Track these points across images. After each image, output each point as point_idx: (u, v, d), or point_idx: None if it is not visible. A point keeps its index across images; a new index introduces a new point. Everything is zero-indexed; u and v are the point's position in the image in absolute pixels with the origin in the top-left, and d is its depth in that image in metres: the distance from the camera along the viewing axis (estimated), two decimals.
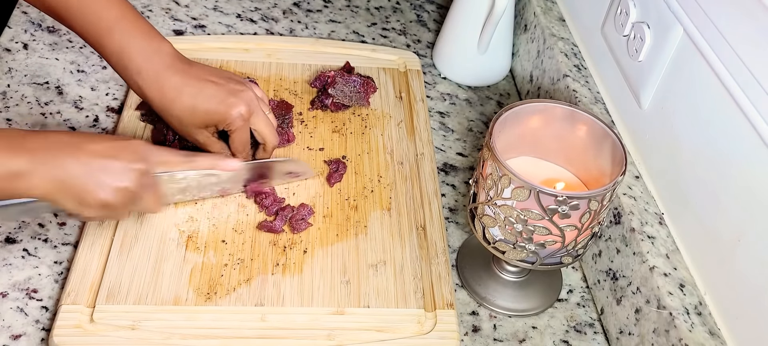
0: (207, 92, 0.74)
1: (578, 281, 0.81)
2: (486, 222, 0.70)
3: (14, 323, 0.69)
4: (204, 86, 0.75)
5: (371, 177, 0.86)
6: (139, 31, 0.74)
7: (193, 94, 0.74)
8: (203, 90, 0.74)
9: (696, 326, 0.65)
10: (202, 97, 0.74)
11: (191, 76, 0.75)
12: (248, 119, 0.77)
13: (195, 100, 0.74)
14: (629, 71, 0.81)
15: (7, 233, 0.76)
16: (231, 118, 0.75)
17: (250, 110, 0.76)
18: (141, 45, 0.73)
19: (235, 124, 0.76)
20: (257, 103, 0.78)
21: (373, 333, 0.71)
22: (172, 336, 0.68)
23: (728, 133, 0.65)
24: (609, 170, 0.71)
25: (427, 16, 1.15)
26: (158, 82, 0.73)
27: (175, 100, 0.74)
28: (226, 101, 0.75)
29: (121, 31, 0.73)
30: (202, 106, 0.74)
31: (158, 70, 0.73)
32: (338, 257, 0.77)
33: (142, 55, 0.73)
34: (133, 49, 0.73)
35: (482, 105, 1.01)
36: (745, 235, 0.63)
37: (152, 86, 0.74)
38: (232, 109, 0.75)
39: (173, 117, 0.75)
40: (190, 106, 0.74)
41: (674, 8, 0.72)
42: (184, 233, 0.77)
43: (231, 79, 0.77)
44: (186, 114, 0.74)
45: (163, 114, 0.76)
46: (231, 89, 0.76)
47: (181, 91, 0.74)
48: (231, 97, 0.75)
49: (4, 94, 0.89)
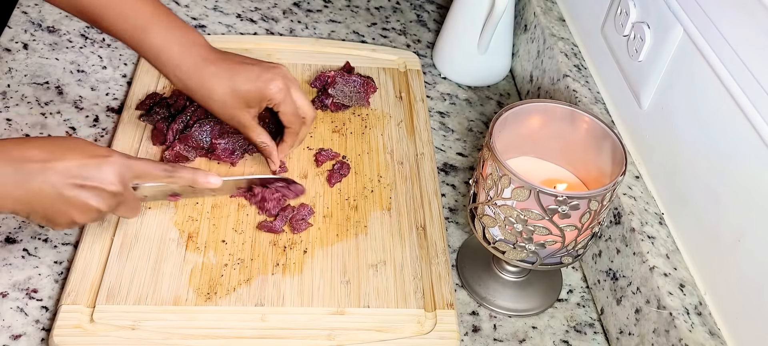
0: (243, 74, 0.77)
1: (578, 281, 0.81)
2: (486, 222, 0.70)
3: (14, 323, 0.69)
4: (239, 68, 0.77)
5: (371, 177, 0.86)
6: (175, 27, 0.76)
7: (231, 77, 0.77)
8: (240, 72, 0.77)
9: (696, 326, 0.65)
10: (241, 79, 0.77)
11: (227, 62, 0.77)
12: (288, 92, 0.79)
13: (233, 82, 0.77)
14: (629, 71, 0.81)
15: (7, 233, 0.76)
16: (271, 93, 0.78)
17: (287, 84, 0.79)
18: (179, 41, 0.76)
19: (277, 98, 0.78)
20: (293, 78, 0.81)
21: (373, 333, 0.71)
22: (172, 336, 0.68)
23: (728, 133, 0.65)
24: (609, 170, 0.71)
25: (427, 16, 1.15)
26: (198, 74, 0.76)
27: (215, 87, 0.76)
28: (262, 77, 0.78)
29: (158, 27, 0.75)
30: (242, 86, 0.77)
31: (196, 62, 0.76)
32: (338, 257, 0.77)
33: (181, 50, 0.76)
34: (171, 45, 0.75)
35: (482, 105, 1.01)
36: (745, 235, 0.63)
37: (193, 78, 0.76)
38: (270, 84, 0.78)
39: (216, 103, 0.77)
40: (231, 88, 0.76)
41: (674, 8, 0.72)
42: (184, 233, 0.77)
43: (262, 61, 0.81)
44: (228, 97, 0.77)
45: (205, 103, 0.78)
46: (265, 67, 0.79)
47: (219, 76, 0.76)
48: (266, 73, 0.78)
49: (4, 94, 0.89)
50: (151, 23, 0.75)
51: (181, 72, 0.76)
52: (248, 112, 0.79)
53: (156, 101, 0.88)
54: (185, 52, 0.76)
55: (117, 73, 0.96)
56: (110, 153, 0.67)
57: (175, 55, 0.75)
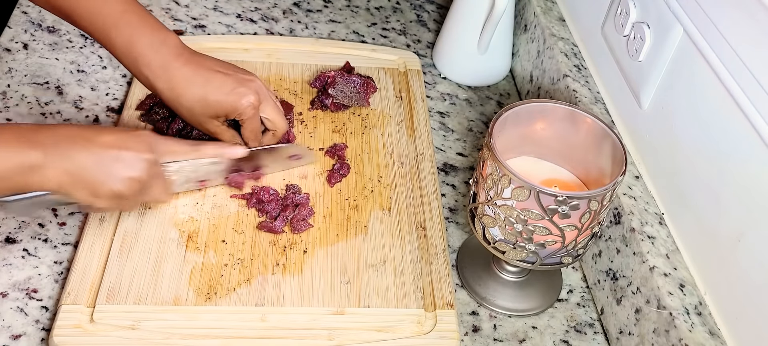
0: (216, 82, 0.75)
1: (578, 281, 0.81)
2: (486, 222, 0.70)
3: (14, 323, 0.69)
4: (213, 76, 0.76)
5: (371, 177, 0.86)
6: (146, 24, 0.75)
7: (203, 85, 0.75)
8: (212, 80, 0.75)
9: (696, 326, 0.65)
10: (212, 88, 0.75)
11: (200, 67, 0.76)
12: (258, 108, 0.78)
13: (205, 90, 0.75)
14: (629, 71, 0.81)
15: (7, 233, 0.76)
16: (241, 108, 0.76)
17: (259, 99, 0.78)
18: (148, 37, 0.74)
19: (246, 114, 0.77)
20: (266, 92, 0.79)
21: (373, 333, 0.71)
22: (172, 336, 0.68)
23: (728, 133, 0.65)
24: (609, 170, 0.71)
25: (427, 16, 1.15)
26: (167, 74, 0.74)
27: (184, 92, 0.75)
28: (235, 90, 0.76)
29: (127, 24, 0.74)
30: (212, 96, 0.75)
31: (167, 61, 0.74)
32: (338, 257, 0.77)
33: (150, 47, 0.74)
34: (140, 41, 0.74)
35: (482, 105, 1.01)
36: (745, 235, 0.63)
37: (161, 78, 0.74)
38: (242, 99, 0.76)
39: (183, 108, 0.76)
40: (201, 96, 0.75)
41: (674, 8, 0.72)
42: (184, 233, 0.77)
43: (238, 70, 0.79)
44: (196, 104, 0.75)
45: (172, 105, 0.76)
46: (239, 79, 0.77)
47: (190, 81, 0.75)
48: (240, 86, 0.76)
49: (4, 94, 0.89)
50: (120, 20, 0.74)
51: (149, 70, 0.74)
52: (216, 120, 0.77)
53: (156, 101, 0.88)
54: (154, 51, 0.74)
55: (117, 73, 0.96)
56: (142, 130, 0.71)
57: (144, 52, 0.74)
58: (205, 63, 0.76)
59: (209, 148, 0.76)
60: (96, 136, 0.67)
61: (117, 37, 0.74)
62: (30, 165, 0.63)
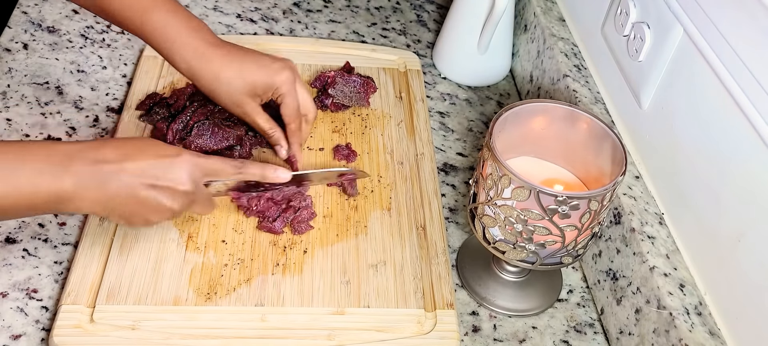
0: (252, 61, 0.77)
1: (578, 281, 0.81)
2: (486, 222, 0.70)
3: (14, 323, 0.69)
4: (248, 55, 0.78)
5: (371, 177, 0.86)
6: (180, 11, 0.76)
7: (240, 63, 0.76)
8: (248, 59, 0.77)
9: (696, 326, 0.65)
10: (249, 65, 0.77)
11: (234, 49, 0.77)
12: (295, 84, 0.79)
13: (242, 68, 0.76)
14: (629, 71, 0.81)
15: (7, 233, 0.76)
16: (279, 82, 0.78)
17: (295, 76, 0.79)
18: (183, 22, 0.76)
19: (284, 88, 0.78)
20: (298, 74, 0.81)
21: (373, 333, 0.71)
22: (172, 336, 0.68)
23: (728, 133, 0.65)
24: (609, 170, 0.71)
25: (427, 16, 1.15)
26: (204, 56, 0.75)
27: (223, 71, 0.76)
28: (271, 67, 0.78)
29: (162, 9, 0.75)
30: (250, 72, 0.77)
31: (203, 44, 0.76)
32: (338, 257, 0.77)
33: (186, 30, 0.75)
34: (176, 25, 0.75)
35: (482, 105, 1.01)
36: (745, 235, 0.63)
37: (198, 60, 0.75)
38: (279, 74, 0.78)
39: (222, 87, 0.77)
40: (239, 73, 0.76)
41: (674, 8, 0.72)
42: (184, 233, 0.77)
43: (268, 54, 0.80)
44: (236, 81, 0.76)
45: (210, 86, 0.77)
46: (273, 58, 0.79)
47: (228, 61, 0.76)
48: (275, 63, 0.78)
49: (4, 94, 0.89)
50: (154, 5, 0.75)
51: (187, 52, 0.75)
52: (254, 99, 0.78)
53: (156, 101, 0.88)
54: (191, 34, 0.75)
55: (117, 73, 0.96)
56: (180, 152, 0.67)
57: (181, 35, 0.75)
58: (238, 47, 0.78)
59: (254, 169, 0.74)
60: (129, 163, 0.64)
61: (151, 21, 0.75)
62: (62, 195, 0.61)
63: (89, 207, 0.63)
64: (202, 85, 0.77)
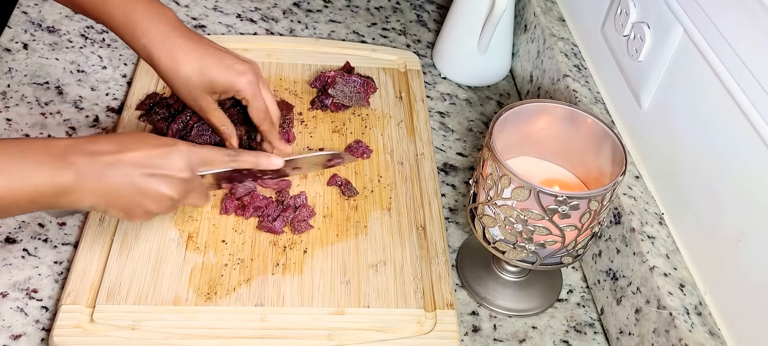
0: (215, 57, 0.76)
1: (578, 281, 0.81)
2: (486, 222, 0.70)
3: (14, 323, 0.69)
4: (213, 52, 0.76)
5: (371, 177, 0.86)
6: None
7: (202, 57, 0.75)
8: (212, 55, 0.75)
9: (696, 326, 0.65)
10: (212, 61, 0.75)
11: (199, 41, 0.76)
12: (258, 86, 0.78)
13: (203, 63, 0.75)
14: (629, 71, 0.81)
15: (7, 233, 0.76)
16: (240, 84, 0.76)
17: (258, 79, 0.78)
18: (146, 8, 0.74)
19: (248, 92, 0.77)
20: (263, 78, 0.80)
21: (373, 333, 0.71)
22: (172, 336, 0.68)
23: (728, 133, 0.65)
24: (609, 170, 0.71)
25: (427, 16, 1.15)
26: (166, 43, 0.74)
27: (183, 62, 0.74)
28: (234, 67, 0.76)
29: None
30: (212, 70, 0.75)
31: (166, 31, 0.74)
32: (338, 257, 0.77)
33: (149, 17, 0.74)
34: (138, 11, 0.73)
35: (482, 105, 1.01)
36: (745, 235, 0.63)
37: (160, 47, 0.74)
38: (241, 76, 0.76)
39: (179, 78, 0.75)
40: (199, 68, 0.75)
41: (674, 8, 0.72)
42: (184, 233, 0.77)
43: (234, 54, 0.79)
44: (194, 76, 0.75)
45: (169, 76, 0.75)
46: (235, 58, 0.77)
47: (190, 53, 0.74)
48: (238, 64, 0.77)
49: (4, 94, 0.89)
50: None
51: (148, 39, 0.73)
52: (210, 96, 0.77)
53: (156, 101, 0.88)
54: (153, 21, 0.74)
55: (117, 73, 0.96)
56: (175, 142, 0.68)
57: (142, 21, 0.73)
58: (203, 40, 0.77)
59: (247, 157, 0.75)
60: (126, 154, 0.64)
61: (115, 9, 0.73)
62: (61, 189, 0.61)
63: (89, 199, 0.63)
64: (161, 73, 0.75)
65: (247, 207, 0.78)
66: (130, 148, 0.65)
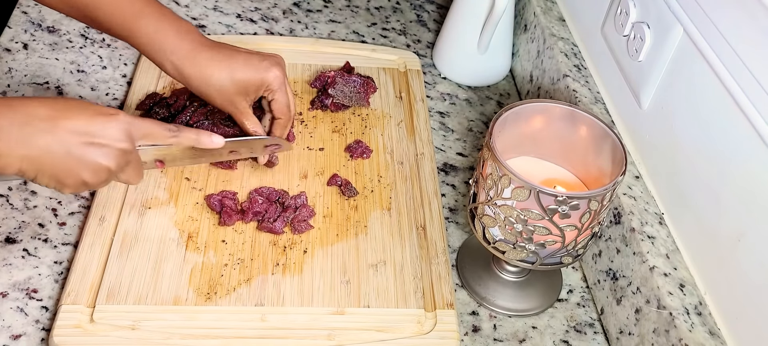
0: (242, 59, 0.77)
1: (578, 281, 0.81)
2: (486, 222, 0.70)
3: (14, 323, 0.69)
4: (237, 56, 0.78)
5: (371, 177, 0.86)
6: (168, 15, 0.76)
7: (229, 63, 0.77)
8: (238, 59, 0.77)
9: (696, 326, 0.65)
10: (238, 65, 0.77)
11: (223, 49, 0.78)
12: (284, 81, 0.80)
13: (232, 68, 0.76)
14: (629, 71, 0.81)
15: (7, 233, 0.76)
16: (269, 80, 0.78)
17: (284, 73, 0.80)
18: (172, 27, 0.76)
19: (274, 85, 0.79)
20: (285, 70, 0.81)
21: (373, 333, 0.71)
22: (172, 336, 0.68)
23: (728, 133, 0.65)
24: (609, 170, 0.71)
25: (427, 16, 1.15)
26: (194, 59, 0.76)
27: (213, 72, 0.76)
28: (260, 65, 0.78)
29: (151, 15, 0.75)
30: (241, 73, 0.77)
31: (192, 48, 0.76)
32: (338, 257, 0.77)
33: (175, 35, 0.75)
34: (165, 31, 0.75)
35: (482, 105, 1.01)
36: (745, 235, 0.63)
37: (189, 63, 0.76)
38: (268, 72, 0.78)
39: (213, 88, 0.77)
40: (229, 75, 0.76)
41: (674, 8, 0.72)
42: (184, 232, 0.77)
43: (257, 52, 0.80)
44: (226, 82, 0.76)
45: (202, 88, 0.77)
46: (261, 56, 0.79)
47: (217, 62, 0.76)
48: (264, 61, 0.78)
49: (4, 94, 0.89)
50: (142, 12, 0.75)
51: (176, 57, 0.75)
52: (245, 99, 0.78)
53: (156, 101, 0.88)
54: (180, 38, 0.75)
55: (117, 73, 0.96)
56: (117, 112, 0.67)
57: (170, 40, 0.75)
58: (227, 47, 0.78)
59: (188, 133, 0.74)
60: (64, 120, 0.62)
61: (142, 29, 0.75)
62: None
63: (16, 163, 0.61)
64: (194, 87, 0.77)
65: (246, 212, 0.78)
66: (68, 115, 0.63)
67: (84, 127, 0.63)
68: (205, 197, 0.80)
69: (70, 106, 0.64)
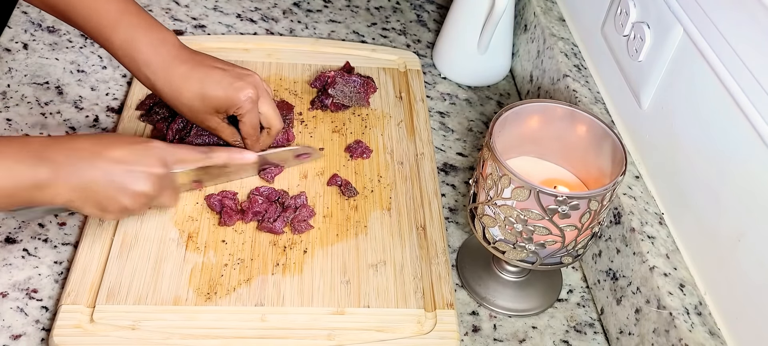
0: (214, 78, 0.76)
1: (578, 281, 0.81)
2: (486, 222, 0.70)
3: (14, 323, 0.69)
4: (211, 72, 0.76)
5: (371, 177, 0.86)
6: (144, 24, 0.75)
7: (201, 80, 0.75)
8: (211, 76, 0.76)
9: (696, 326, 0.65)
10: (210, 83, 0.76)
11: (198, 64, 0.76)
12: (256, 102, 0.78)
13: (203, 86, 0.75)
14: (629, 71, 0.81)
15: (7, 233, 0.76)
16: (240, 102, 0.77)
17: (258, 94, 0.78)
18: (147, 37, 0.74)
19: (245, 108, 0.77)
20: (263, 87, 0.80)
21: (373, 333, 0.71)
22: (172, 336, 0.68)
23: (728, 133, 0.65)
24: (609, 170, 0.71)
25: (427, 16, 1.15)
26: (167, 73, 0.75)
27: (184, 89, 0.75)
28: (233, 85, 0.76)
29: (127, 24, 0.74)
30: (211, 91, 0.76)
31: (166, 60, 0.75)
32: (338, 257, 0.77)
33: (150, 47, 0.74)
34: (139, 42, 0.74)
35: (482, 105, 1.01)
36: (745, 234, 0.63)
37: (161, 77, 0.75)
38: (240, 93, 0.76)
39: (183, 105, 0.76)
40: (199, 92, 0.75)
41: (674, 8, 0.72)
42: (184, 232, 0.77)
43: (236, 67, 0.79)
44: (196, 101, 0.76)
45: (173, 103, 0.77)
46: (237, 74, 0.78)
47: (189, 78, 0.75)
48: (238, 81, 0.77)
49: (4, 94, 0.90)
50: (118, 20, 0.74)
51: (149, 70, 0.74)
52: (216, 116, 0.77)
53: (156, 101, 0.88)
54: (154, 50, 0.74)
55: (117, 73, 0.96)
56: (151, 141, 0.71)
57: (143, 52, 0.74)
58: (203, 60, 0.77)
59: (221, 154, 0.77)
60: (106, 151, 0.67)
61: (116, 37, 0.74)
62: (39, 182, 0.62)
63: (66, 194, 0.64)
64: (166, 100, 0.77)
65: (246, 212, 0.78)
66: (108, 146, 0.68)
67: (123, 156, 0.68)
68: (205, 197, 0.80)
69: (109, 140, 0.69)
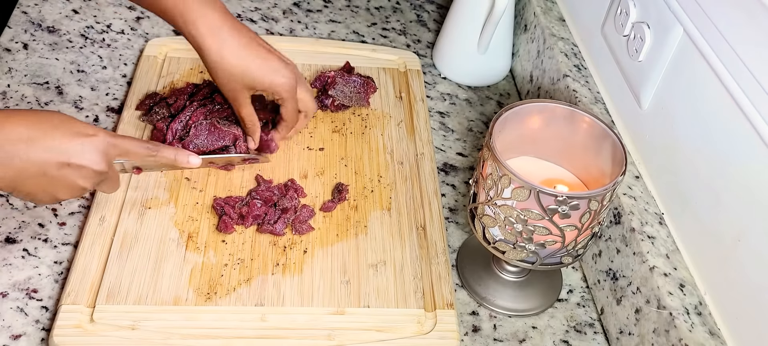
0: (262, 56, 0.77)
1: (578, 281, 0.81)
2: (486, 222, 0.70)
3: (14, 323, 0.69)
4: (259, 50, 0.77)
5: (371, 177, 0.86)
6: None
7: (248, 55, 0.76)
8: (259, 53, 0.77)
9: (696, 326, 0.65)
10: (257, 60, 0.77)
11: (245, 39, 0.77)
12: (296, 90, 0.80)
13: (249, 61, 0.76)
14: (629, 71, 0.81)
15: (7, 233, 0.76)
16: (278, 88, 0.78)
17: (297, 83, 0.80)
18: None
19: (284, 94, 0.79)
20: (300, 75, 0.82)
21: (373, 333, 0.71)
22: (172, 336, 0.68)
23: (728, 133, 0.65)
24: (609, 170, 0.71)
25: (427, 16, 1.15)
26: (214, 38, 0.75)
27: (230, 56, 0.76)
28: (278, 70, 0.78)
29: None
30: (255, 69, 0.77)
31: (214, 24, 0.75)
32: (338, 257, 0.77)
33: (198, 7, 0.75)
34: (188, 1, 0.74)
35: (482, 105, 1.01)
36: (745, 234, 0.63)
37: (208, 40, 0.75)
38: (282, 79, 0.78)
39: (224, 71, 0.77)
40: (243, 67, 0.76)
41: (674, 8, 0.72)
42: (184, 232, 0.77)
43: (278, 54, 0.80)
44: (237, 73, 0.77)
45: (213, 67, 0.77)
46: (280, 61, 0.79)
47: (238, 47, 0.76)
48: (282, 67, 0.78)
49: (4, 94, 0.89)
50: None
51: (196, 31, 0.75)
52: (249, 92, 0.79)
53: (156, 101, 0.88)
54: (203, 12, 0.75)
55: (117, 73, 0.96)
56: (96, 132, 0.67)
57: (194, 9, 0.74)
58: (250, 34, 0.78)
59: (167, 152, 0.75)
60: (43, 140, 0.62)
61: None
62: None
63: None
64: (206, 63, 0.77)
65: (246, 217, 0.78)
66: (47, 134, 0.63)
67: (61, 148, 0.63)
68: (214, 199, 0.80)
69: (48, 125, 0.64)
